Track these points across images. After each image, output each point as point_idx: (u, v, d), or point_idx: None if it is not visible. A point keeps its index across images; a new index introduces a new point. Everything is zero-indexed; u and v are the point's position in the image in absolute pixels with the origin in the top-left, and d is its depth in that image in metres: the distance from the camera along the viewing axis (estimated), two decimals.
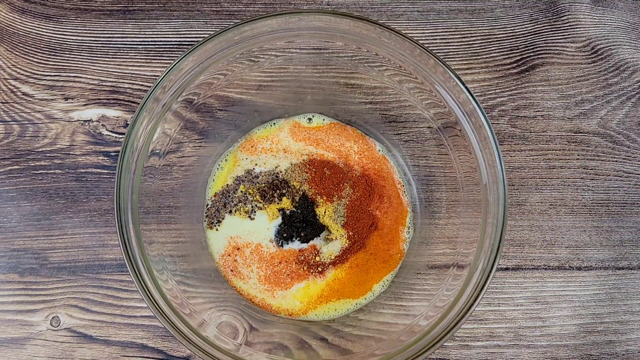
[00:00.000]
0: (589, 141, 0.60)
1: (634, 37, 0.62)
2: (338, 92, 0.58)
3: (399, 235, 0.57)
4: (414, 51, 0.47)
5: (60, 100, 0.60)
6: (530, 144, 0.60)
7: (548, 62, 0.61)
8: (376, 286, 0.56)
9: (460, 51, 0.61)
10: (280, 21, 0.47)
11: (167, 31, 0.61)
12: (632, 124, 0.61)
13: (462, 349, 0.57)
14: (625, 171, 0.60)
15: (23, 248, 0.58)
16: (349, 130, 0.59)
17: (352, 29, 0.48)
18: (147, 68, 0.60)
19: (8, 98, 0.60)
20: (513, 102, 0.61)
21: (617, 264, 0.59)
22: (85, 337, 0.57)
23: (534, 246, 0.59)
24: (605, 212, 0.60)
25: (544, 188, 0.60)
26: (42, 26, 0.61)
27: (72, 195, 0.59)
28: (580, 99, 0.61)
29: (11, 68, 0.60)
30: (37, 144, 0.59)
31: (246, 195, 0.56)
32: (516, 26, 0.62)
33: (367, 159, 0.58)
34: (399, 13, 0.62)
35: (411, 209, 0.58)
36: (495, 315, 0.58)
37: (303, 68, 0.56)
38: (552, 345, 0.57)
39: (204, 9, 0.61)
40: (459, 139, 0.49)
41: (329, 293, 0.55)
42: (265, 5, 0.62)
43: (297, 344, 0.53)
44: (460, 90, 0.47)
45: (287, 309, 0.55)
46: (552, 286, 0.58)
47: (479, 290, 0.44)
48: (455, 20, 0.62)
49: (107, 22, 0.61)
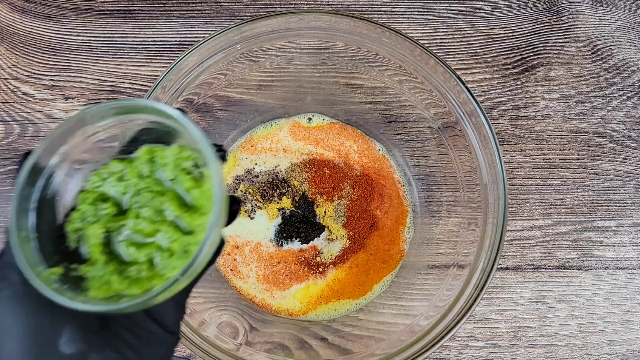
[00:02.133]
0: (589, 141, 0.60)
1: (634, 37, 0.62)
2: (338, 92, 0.58)
3: (400, 235, 0.57)
4: (414, 51, 0.47)
5: (60, 100, 0.60)
6: (531, 144, 0.60)
7: (548, 62, 0.61)
8: (376, 286, 0.56)
9: (461, 51, 0.61)
10: (281, 21, 0.47)
11: (167, 31, 0.61)
12: (632, 123, 0.61)
13: (462, 348, 0.57)
14: (625, 171, 0.60)
15: None
16: (349, 130, 0.59)
17: (353, 28, 0.48)
18: (148, 68, 0.60)
19: (8, 98, 0.60)
20: (513, 102, 0.61)
21: (617, 263, 0.59)
22: None
23: (534, 246, 0.59)
24: (605, 212, 0.60)
25: (544, 188, 0.60)
26: (42, 26, 0.61)
27: None
28: (581, 99, 0.61)
29: (11, 68, 0.60)
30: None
31: (246, 194, 0.56)
32: (516, 26, 0.62)
33: (367, 158, 0.58)
34: (399, 13, 0.62)
35: (411, 208, 0.58)
36: (496, 315, 0.58)
37: (303, 68, 0.56)
38: (552, 345, 0.57)
39: (205, 9, 0.61)
40: (459, 139, 0.49)
41: (329, 293, 0.55)
42: (265, 5, 0.62)
43: (297, 344, 0.53)
44: (461, 90, 0.47)
45: (287, 309, 0.55)
46: (552, 286, 0.58)
47: (479, 290, 0.44)
48: (455, 20, 0.62)
49: (108, 22, 0.61)
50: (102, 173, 0.36)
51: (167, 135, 0.36)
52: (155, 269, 0.34)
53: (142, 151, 0.36)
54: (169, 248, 0.34)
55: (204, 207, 0.35)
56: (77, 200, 0.35)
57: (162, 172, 0.36)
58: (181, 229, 0.35)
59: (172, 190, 0.36)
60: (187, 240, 0.34)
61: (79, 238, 0.35)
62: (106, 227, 0.35)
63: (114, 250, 0.35)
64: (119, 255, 0.35)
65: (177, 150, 0.36)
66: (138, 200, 0.35)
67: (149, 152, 0.36)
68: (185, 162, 0.36)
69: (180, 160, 0.36)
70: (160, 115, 0.34)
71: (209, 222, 0.32)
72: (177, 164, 0.36)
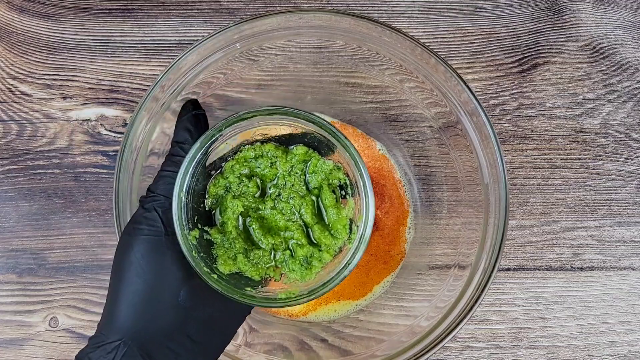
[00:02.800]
0: (590, 141, 0.60)
1: (636, 36, 0.62)
2: (338, 92, 0.58)
3: (400, 236, 0.57)
4: (414, 50, 0.47)
5: (58, 100, 0.59)
6: (532, 144, 0.60)
7: (550, 61, 0.61)
8: (377, 287, 0.56)
9: (462, 50, 0.61)
10: (280, 20, 0.46)
11: (166, 30, 0.61)
12: (634, 123, 0.61)
13: (463, 349, 0.57)
14: (627, 171, 0.60)
15: (21, 248, 0.58)
16: (349, 129, 0.59)
17: (353, 27, 0.47)
18: (146, 67, 0.60)
19: (6, 97, 0.59)
20: (514, 102, 0.60)
21: (619, 264, 0.59)
22: (84, 337, 0.56)
23: (535, 246, 0.59)
24: (607, 212, 0.59)
25: (546, 188, 0.59)
26: (40, 25, 0.60)
27: (71, 195, 0.58)
28: (582, 99, 0.61)
29: (9, 67, 0.60)
30: (36, 143, 0.59)
31: None
32: (518, 25, 0.62)
33: (367, 158, 0.58)
34: (400, 12, 0.61)
35: (412, 209, 0.58)
36: (497, 315, 0.57)
37: (303, 67, 0.56)
38: (554, 345, 0.57)
39: (204, 8, 0.61)
40: (460, 139, 0.49)
41: (329, 295, 0.55)
42: (265, 4, 0.61)
43: (297, 345, 0.53)
44: (462, 90, 0.46)
45: (287, 310, 0.55)
46: (553, 287, 0.58)
47: (481, 290, 0.44)
48: (456, 19, 0.61)
49: (106, 21, 0.61)
50: (257, 150, 0.38)
51: (321, 143, 0.38)
52: (274, 260, 0.37)
53: (300, 150, 0.38)
54: (293, 248, 0.37)
55: (336, 230, 0.37)
56: (224, 167, 0.38)
57: (310, 177, 0.38)
58: (309, 238, 0.37)
59: (312, 199, 0.38)
60: (312, 250, 0.37)
61: (216, 203, 0.38)
62: (245, 206, 0.37)
63: (246, 228, 0.37)
64: (249, 234, 0.37)
65: (332, 167, 0.38)
66: (280, 192, 0.37)
67: (306, 154, 0.38)
68: (334, 180, 0.38)
69: (331, 177, 0.38)
70: (333, 138, 0.36)
71: (353, 260, 0.36)
72: (326, 178, 0.38)
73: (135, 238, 0.35)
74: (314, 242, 0.37)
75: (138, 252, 0.35)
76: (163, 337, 0.34)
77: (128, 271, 0.35)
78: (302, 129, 0.38)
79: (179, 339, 0.35)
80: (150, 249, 0.35)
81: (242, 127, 0.37)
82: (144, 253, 0.35)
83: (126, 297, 0.34)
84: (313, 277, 0.37)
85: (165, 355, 0.34)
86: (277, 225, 0.37)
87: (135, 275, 0.34)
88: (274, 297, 0.36)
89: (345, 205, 0.38)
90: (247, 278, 0.37)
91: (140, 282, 0.34)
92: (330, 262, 0.38)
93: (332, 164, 0.38)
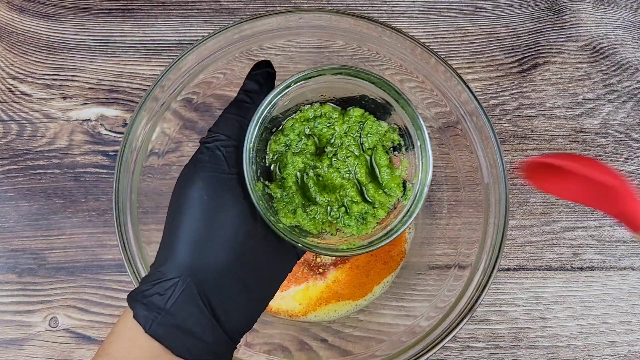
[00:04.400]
0: (590, 141, 0.60)
1: (636, 36, 0.62)
2: None
3: (400, 236, 0.57)
4: (414, 50, 0.47)
5: (58, 100, 0.59)
6: (532, 144, 0.60)
7: (550, 61, 0.61)
8: (377, 287, 0.56)
9: (462, 50, 0.61)
10: (280, 20, 0.46)
11: (166, 30, 0.61)
12: (634, 123, 0.61)
13: (463, 349, 0.57)
14: (627, 171, 0.60)
15: (21, 248, 0.58)
16: None
17: (353, 27, 0.47)
18: (146, 67, 0.60)
19: (6, 97, 0.59)
20: (514, 102, 0.60)
21: (619, 264, 0.59)
22: (83, 337, 0.56)
23: (535, 246, 0.59)
24: None
25: None
26: (40, 25, 0.60)
27: (71, 195, 0.58)
28: (582, 99, 0.61)
29: (9, 67, 0.60)
30: (36, 143, 0.59)
31: None
32: (518, 25, 0.62)
33: None
34: (400, 12, 0.61)
35: None
36: (497, 316, 0.57)
37: (303, 67, 0.56)
38: (554, 346, 0.57)
39: (204, 8, 0.61)
40: (460, 139, 0.49)
41: (329, 295, 0.55)
42: (265, 4, 0.61)
43: (297, 345, 0.53)
44: (462, 90, 0.46)
45: (287, 310, 0.55)
46: (553, 287, 0.58)
47: (481, 290, 0.44)
48: (456, 19, 0.61)
49: (106, 21, 0.61)
50: (316, 110, 0.40)
51: (378, 105, 0.40)
52: (329, 216, 0.39)
53: (356, 112, 0.40)
54: (348, 205, 0.39)
55: (390, 189, 0.39)
56: (284, 125, 0.39)
57: (365, 138, 0.39)
58: (363, 195, 0.39)
59: (366, 159, 0.40)
60: (367, 208, 0.39)
61: (276, 159, 0.39)
62: (304, 163, 0.39)
63: (304, 184, 0.39)
64: (305, 190, 0.39)
65: (387, 129, 0.40)
66: (336, 151, 0.39)
67: (362, 116, 0.40)
68: (388, 142, 0.40)
69: (385, 138, 0.40)
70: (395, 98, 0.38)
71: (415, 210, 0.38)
72: (380, 139, 0.40)
73: (198, 175, 0.34)
74: (367, 200, 0.39)
75: (202, 188, 0.34)
76: (219, 276, 0.34)
77: (191, 206, 0.34)
78: (359, 92, 0.39)
79: (233, 281, 0.34)
80: (214, 186, 0.34)
81: (307, 86, 0.38)
82: (207, 189, 0.34)
83: (187, 233, 0.33)
84: (370, 231, 0.39)
85: (218, 295, 0.34)
86: (333, 183, 0.39)
87: (198, 211, 0.34)
88: (335, 247, 0.37)
89: (399, 165, 0.40)
90: (306, 231, 0.38)
91: (202, 219, 0.33)
92: (384, 218, 0.40)
93: (387, 126, 0.40)
